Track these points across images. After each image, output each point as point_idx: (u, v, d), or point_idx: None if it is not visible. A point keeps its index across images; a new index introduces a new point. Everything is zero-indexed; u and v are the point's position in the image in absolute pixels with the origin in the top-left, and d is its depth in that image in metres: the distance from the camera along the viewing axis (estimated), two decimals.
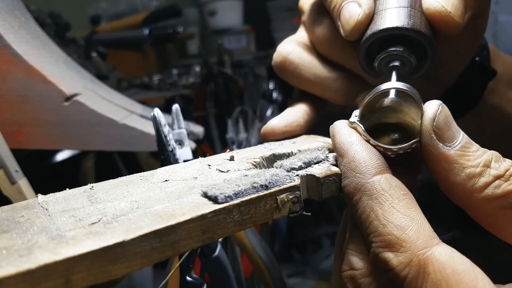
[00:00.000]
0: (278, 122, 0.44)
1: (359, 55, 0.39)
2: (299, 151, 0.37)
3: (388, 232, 0.27)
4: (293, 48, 0.46)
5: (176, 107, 0.48)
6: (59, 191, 0.30)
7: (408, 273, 0.26)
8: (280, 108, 1.56)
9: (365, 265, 0.30)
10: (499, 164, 0.30)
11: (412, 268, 0.26)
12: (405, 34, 0.36)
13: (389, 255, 0.27)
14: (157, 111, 0.42)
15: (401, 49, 0.36)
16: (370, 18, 0.38)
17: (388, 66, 0.36)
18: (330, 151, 0.36)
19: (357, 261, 0.30)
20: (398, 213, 0.28)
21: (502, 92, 0.48)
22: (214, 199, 0.27)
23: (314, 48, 0.46)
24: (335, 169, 0.33)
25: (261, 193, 0.28)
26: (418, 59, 0.37)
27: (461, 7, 0.36)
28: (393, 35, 0.36)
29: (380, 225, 0.28)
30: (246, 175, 0.30)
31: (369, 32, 0.37)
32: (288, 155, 0.36)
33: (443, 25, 0.36)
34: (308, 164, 0.33)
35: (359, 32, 0.38)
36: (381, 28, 0.36)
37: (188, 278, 0.44)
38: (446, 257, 0.26)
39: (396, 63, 0.36)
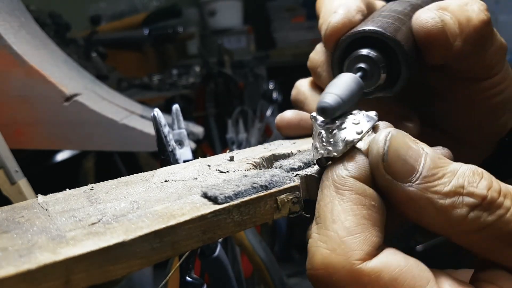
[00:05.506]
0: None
1: (332, 61, 0.36)
2: (299, 151, 0.37)
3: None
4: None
5: (176, 107, 0.48)
6: (59, 191, 0.30)
7: None
8: (280, 108, 1.56)
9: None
10: (474, 187, 0.25)
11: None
12: (374, 36, 0.33)
13: None
14: (157, 111, 0.42)
15: (369, 51, 0.33)
16: (346, 24, 0.36)
17: (354, 68, 0.34)
18: None
19: None
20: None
21: None
22: (214, 200, 0.27)
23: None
24: None
25: (261, 194, 0.28)
26: (395, 72, 0.34)
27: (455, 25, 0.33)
28: (366, 39, 0.34)
29: None
30: (246, 176, 0.30)
31: (342, 37, 0.36)
32: (287, 156, 0.36)
33: (433, 40, 0.33)
34: (307, 165, 0.33)
35: (336, 37, 0.36)
36: (351, 32, 0.34)
37: (188, 278, 0.44)
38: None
39: (362, 65, 0.33)
